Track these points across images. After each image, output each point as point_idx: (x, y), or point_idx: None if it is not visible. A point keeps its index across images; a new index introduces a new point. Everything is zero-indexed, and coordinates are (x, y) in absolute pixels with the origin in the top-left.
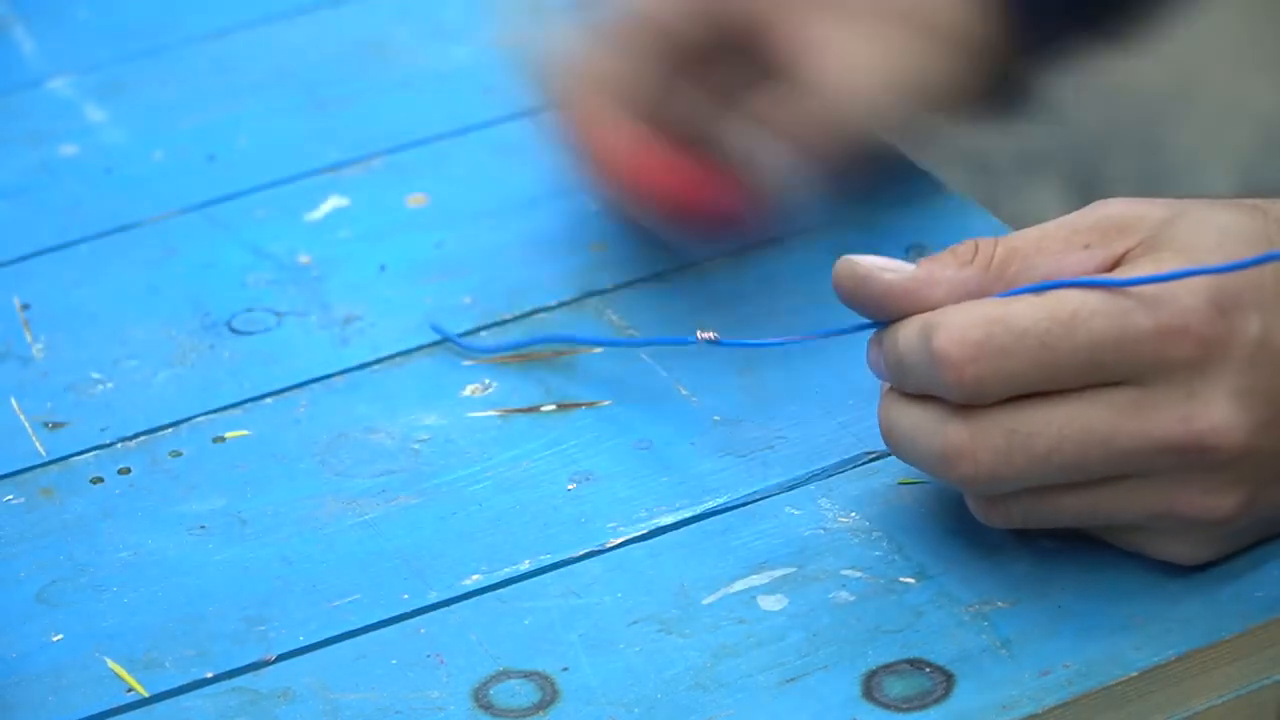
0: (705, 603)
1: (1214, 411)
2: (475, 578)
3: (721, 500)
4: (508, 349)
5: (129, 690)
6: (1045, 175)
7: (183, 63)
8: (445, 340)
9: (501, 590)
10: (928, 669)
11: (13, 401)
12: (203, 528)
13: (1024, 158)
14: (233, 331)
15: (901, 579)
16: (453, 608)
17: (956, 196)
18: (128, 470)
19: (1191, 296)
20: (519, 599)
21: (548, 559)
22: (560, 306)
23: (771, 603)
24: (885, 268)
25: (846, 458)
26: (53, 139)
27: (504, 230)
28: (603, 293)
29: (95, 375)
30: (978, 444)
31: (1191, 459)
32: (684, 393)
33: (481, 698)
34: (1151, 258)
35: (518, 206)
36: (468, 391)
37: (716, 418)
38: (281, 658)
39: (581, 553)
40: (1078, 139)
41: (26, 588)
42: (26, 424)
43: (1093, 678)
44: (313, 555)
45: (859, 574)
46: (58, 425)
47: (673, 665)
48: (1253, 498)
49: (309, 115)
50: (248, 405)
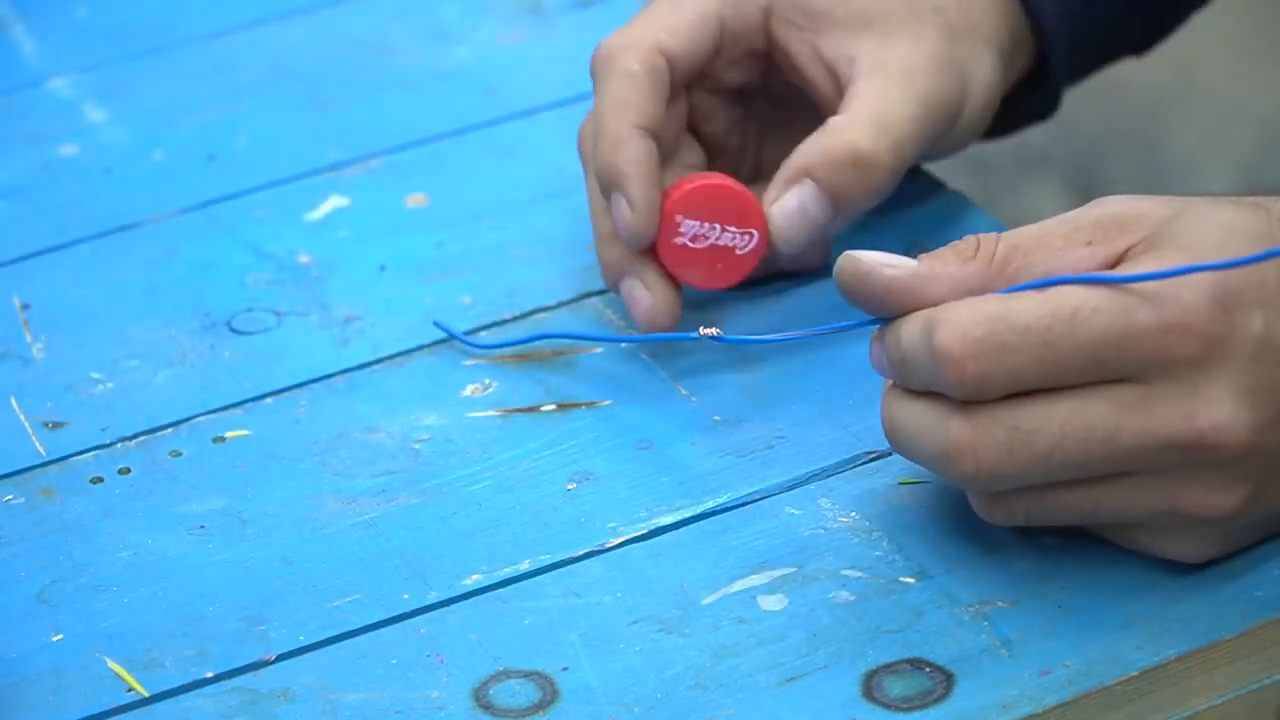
0: (705, 603)
1: (1216, 409)
2: (475, 578)
3: (721, 500)
4: (510, 345)
5: (129, 690)
6: (1045, 175)
7: (183, 63)
8: (450, 339)
9: (501, 590)
10: (928, 669)
11: (13, 401)
12: (203, 528)
13: (1024, 158)
14: (233, 331)
15: (901, 579)
16: (453, 608)
17: (956, 196)
18: (128, 470)
19: (1194, 294)
20: (519, 599)
21: (548, 559)
22: (560, 306)
23: (771, 603)
24: (887, 263)
25: (846, 458)
26: (53, 139)
27: (504, 230)
28: (603, 293)
29: (95, 375)
30: (979, 441)
31: (1194, 456)
32: (684, 393)
33: (481, 698)
34: (1153, 255)
35: (518, 206)
36: (468, 391)
37: (716, 418)
38: (281, 658)
39: (581, 553)
40: (1078, 139)
41: (26, 588)
42: (26, 424)
43: (1093, 677)
44: (313, 555)
45: (859, 574)
46: (58, 425)
47: (673, 665)
48: (1255, 495)
49: (309, 115)
50: (248, 405)
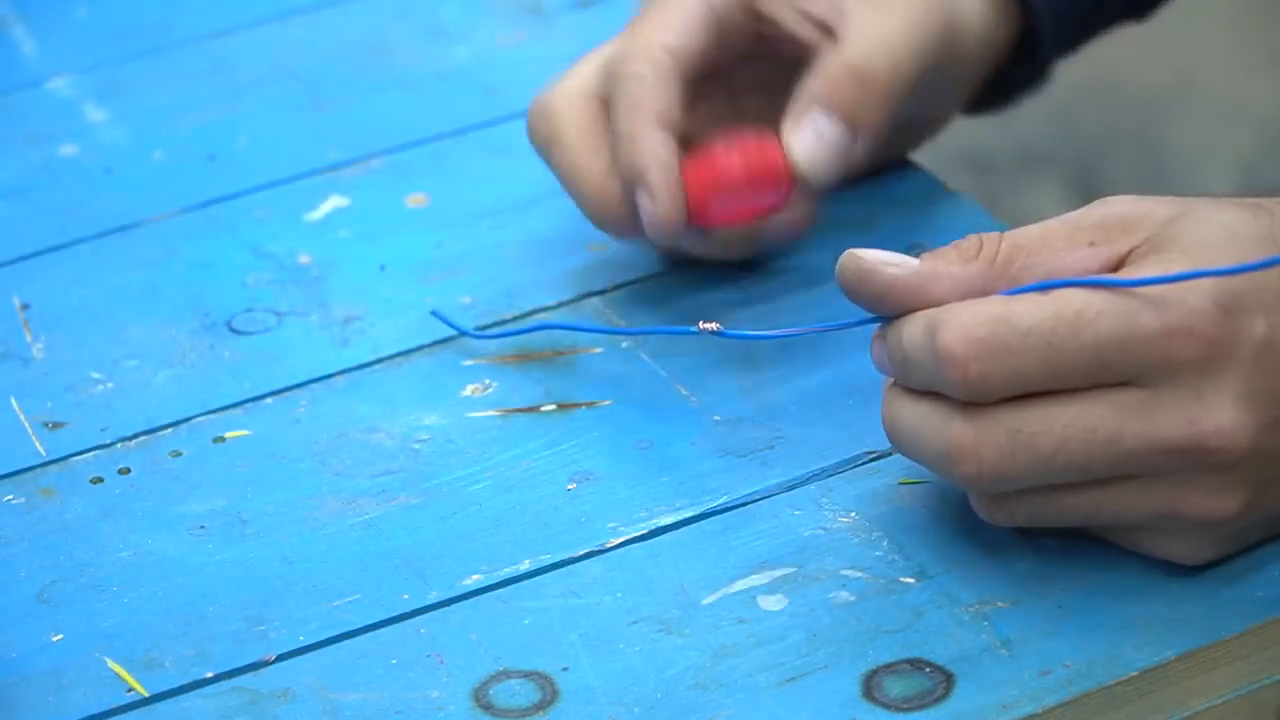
0: (705, 603)
1: (1219, 413)
2: (475, 578)
3: (721, 500)
4: (508, 334)
5: (129, 690)
6: (1046, 175)
7: (183, 63)
8: (454, 336)
9: (501, 590)
10: (928, 669)
11: (13, 401)
12: (203, 528)
13: (1024, 158)
14: (233, 331)
15: (901, 579)
16: (453, 608)
17: (956, 196)
18: (128, 470)
19: (1197, 297)
20: (519, 599)
21: (548, 559)
22: (560, 306)
23: (771, 603)
24: (889, 262)
25: (846, 458)
26: (53, 139)
27: (504, 230)
28: (602, 293)
29: (95, 375)
30: (981, 442)
31: (1196, 460)
32: (684, 393)
33: (481, 698)
34: (1156, 257)
35: (518, 206)
36: (468, 391)
37: (716, 418)
38: (281, 658)
39: (581, 553)
40: (1078, 139)
41: (26, 588)
42: (26, 424)
43: (1093, 678)
44: (313, 555)
45: (859, 574)
46: (58, 425)
47: (673, 665)
48: (1256, 498)
49: (309, 115)
50: (248, 405)
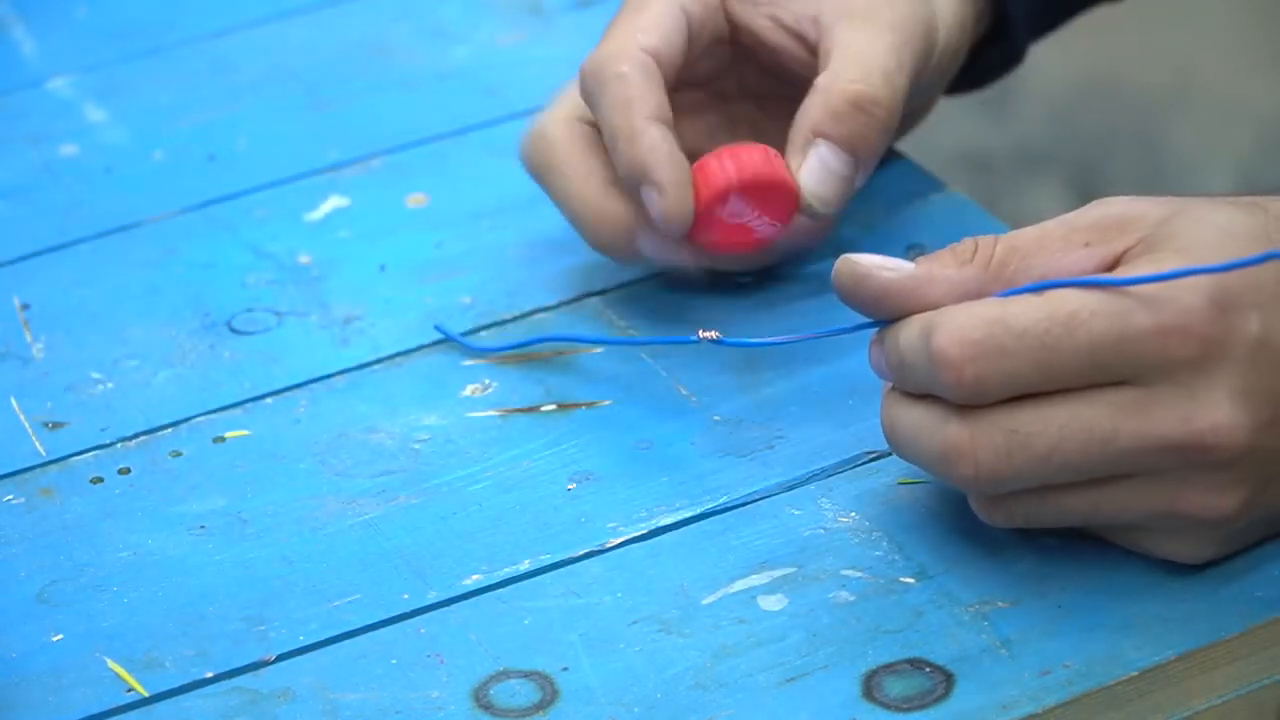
0: (705, 603)
1: (1215, 411)
2: (475, 578)
3: (721, 500)
4: (509, 349)
5: (129, 690)
6: (1045, 175)
7: (183, 63)
8: (447, 340)
9: (501, 590)
10: (928, 669)
11: (13, 401)
12: (203, 528)
13: (1024, 158)
14: (233, 331)
15: (901, 579)
16: (453, 608)
17: (956, 196)
18: (128, 470)
19: (1191, 296)
20: (519, 599)
21: (548, 559)
22: (560, 306)
23: (771, 603)
24: (884, 266)
25: (846, 458)
26: (53, 139)
27: (504, 230)
28: (603, 293)
29: (95, 375)
30: (978, 444)
31: (1193, 458)
32: (684, 393)
33: (481, 698)
34: (1151, 257)
35: (518, 206)
36: (468, 391)
37: (716, 418)
38: (281, 658)
39: (581, 553)
40: (1078, 139)
41: (26, 588)
42: (26, 424)
43: (1093, 678)
44: (313, 555)
45: (859, 574)
46: (58, 425)
47: (673, 665)
48: (1254, 497)
49: (309, 115)
50: (248, 405)
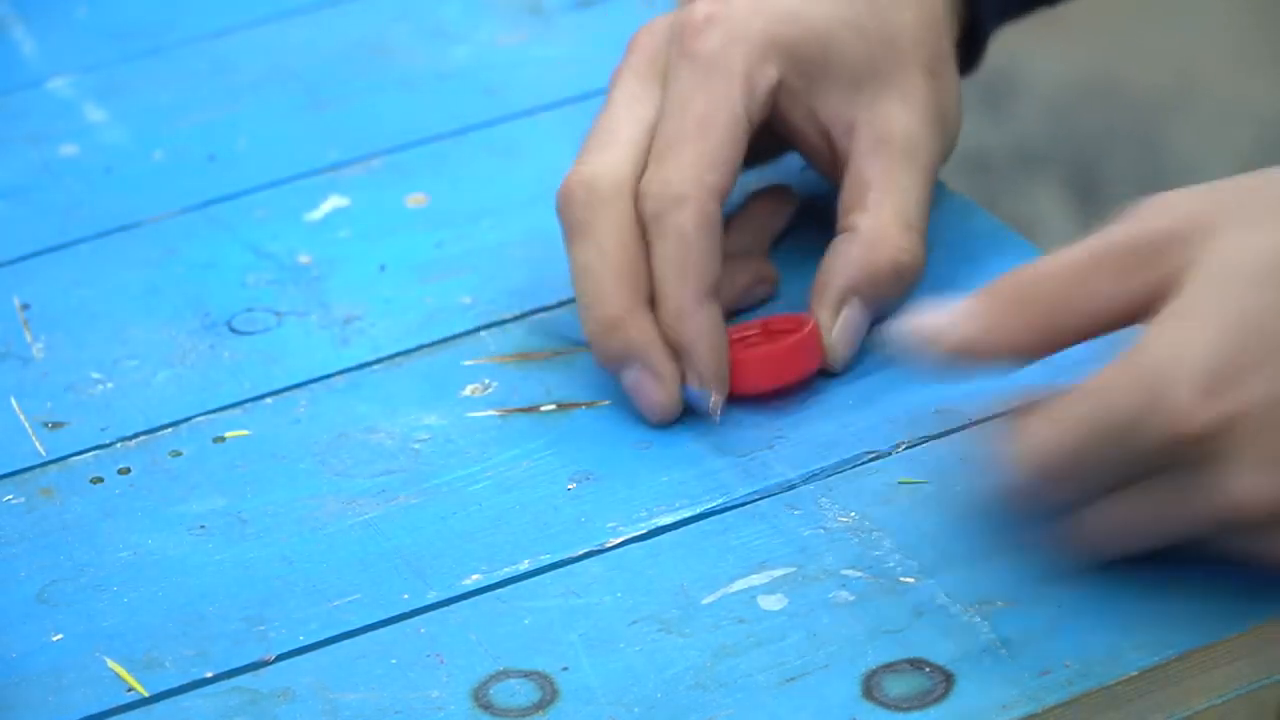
0: (705, 602)
1: (1242, 484)
2: (475, 578)
3: (721, 500)
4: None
5: (129, 690)
6: (1045, 175)
7: (183, 63)
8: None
9: (501, 590)
10: (928, 669)
11: (13, 401)
12: (203, 528)
13: (1024, 158)
14: (233, 331)
15: (901, 579)
16: (453, 608)
17: (956, 196)
18: (128, 470)
19: (1180, 391)
20: (519, 599)
21: (548, 559)
22: (560, 306)
23: (771, 602)
24: (945, 321)
25: (846, 458)
26: (53, 139)
27: (504, 230)
28: None
29: (95, 375)
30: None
31: (1237, 524)
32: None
33: (481, 697)
34: (1176, 323)
35: (518, 206)
36: (468, 391)
37: (717, 418)
38: (281, 658)
39: (581, 552)
40: (1078, 139)
41: (26, 588)
42: (26, 424)
43: (1093, 678)
44: (313, 555)
45: (859, 574)
46: (58, 425)
47: (673, 665)
48: None
49: (309, 115)
50: (248, 405)
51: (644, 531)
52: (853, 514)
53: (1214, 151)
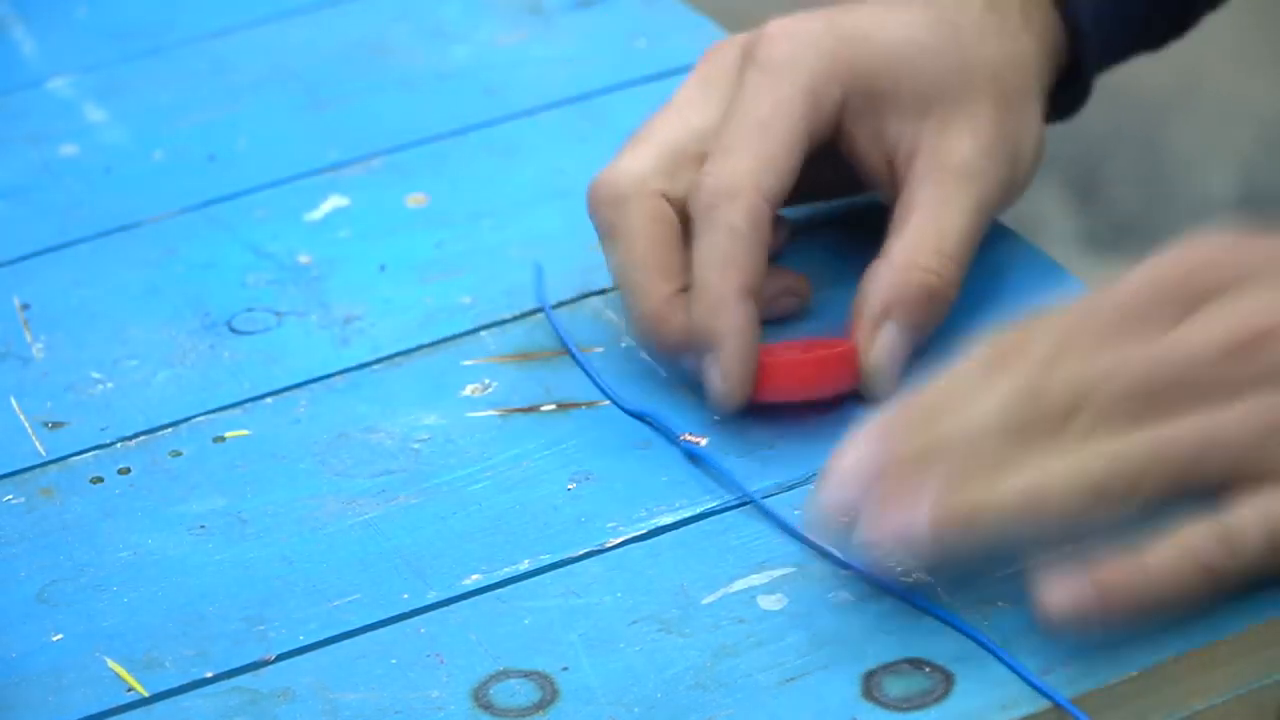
0: (705, 602)
1: None
2: (475, 578)
3: (721, 500)
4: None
5: (129, 690)
6: (1045, 175)
7: (183, 63)
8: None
9: (501, 590)
10: (928, 669)
11: (13, 401)
12: (203, 528)
13: None
14: (233, 331)
15: (901, 579)
16: (453, 608)
17: None
18: (128, 470)
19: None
20: (519, 599)
21: (548, 559)
22: (560, 306)
23: (771, 602)
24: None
25: None
26: (53, 139)
27: (504, 230)
28: (602, 293)
29: (95, 375)
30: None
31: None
32: (684, 392)
33: (481, 697)
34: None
35: (518, 206)
36: (468, 391)
37: (716, 418)
38: (281, 657)
39: (581, 552)
40: (1078, 139)
41: (26, 588)
42: (26, 424)
43: (1093, 677)
44: (313, 555)
45: (859, 574)
46: (58, 425)
47: (673, 665)
48: None
49: (309, 115)
50: (248, 405)
51: (644, 531)
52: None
53: (1215, 151)
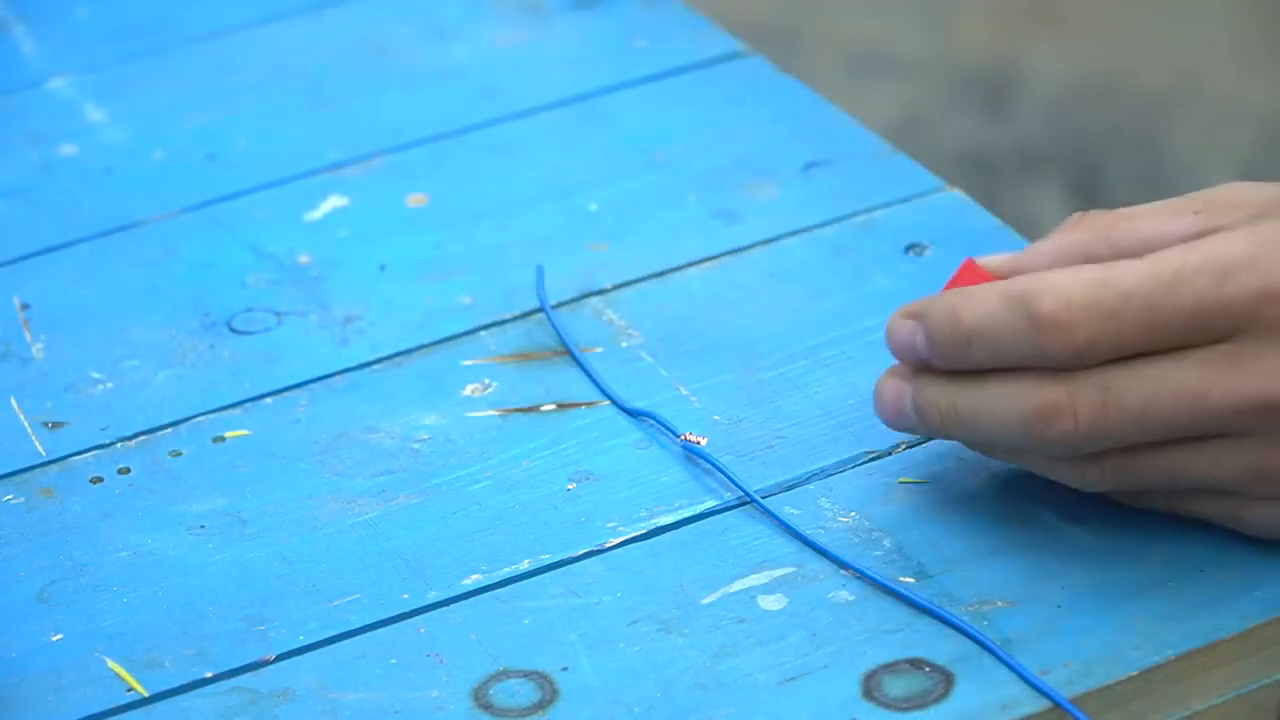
0: (705, 602)
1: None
2: (475, 577)
3: (721, 500)
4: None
5: (129, 690)
6: (1045, 175)
7: (183, 63)
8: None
9: (501, 590)
10: (928, 669)
11: (13, 401)
12: (203, 528)
13: (1024, 158)
14: (233, 331)
15: (901, 579)
16: (453, 607)
17: (956, 196)
18: (128, 470)
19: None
20: (519, 599)
21: (548, 559)
22: (560, 306)
23: (771, 602)
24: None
25: (846, 458)
26: (53, 139)
27: (504, 230)
28: (602, 293)
29: (95, 375)
30: (1076, 401)
31: None
32: (684, 393)
33: (481, 697)
34: (1250, 228)
35: (518, 206)
36: (468, 391)
37: (716, 418)
38: (281, 657)
39: (581, 552)
40: (1078, 139)
41: (26, 588)
42: (26, 424)
43: (1093, 677)
44: (313, 555)
45: (859, 574)
46: (58, 425)
47: (673, 665)
48: None
49: (309, 115)
50: (248, 405)
51: (644, 531)
52: (853, 514)
53: (1215, 151)
